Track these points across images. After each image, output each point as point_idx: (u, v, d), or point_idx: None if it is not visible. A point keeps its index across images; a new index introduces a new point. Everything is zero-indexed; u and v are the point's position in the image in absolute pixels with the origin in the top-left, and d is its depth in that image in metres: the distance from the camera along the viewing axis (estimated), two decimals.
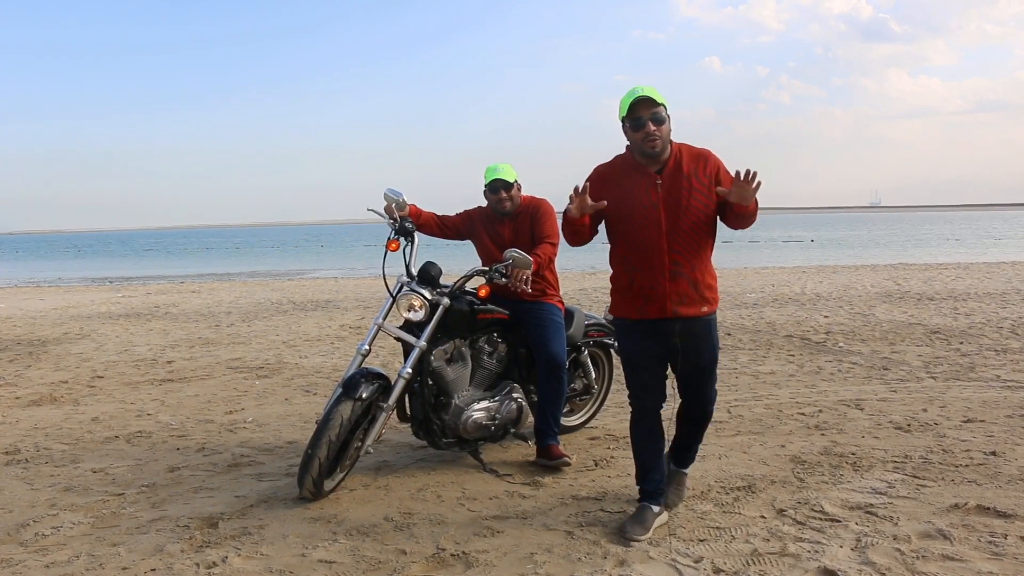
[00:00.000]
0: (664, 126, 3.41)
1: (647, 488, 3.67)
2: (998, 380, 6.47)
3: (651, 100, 3.37)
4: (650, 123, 3.38)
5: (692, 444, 3.92)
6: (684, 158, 3.48)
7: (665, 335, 3.53)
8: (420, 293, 4.20)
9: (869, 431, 5.08)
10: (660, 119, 3.39)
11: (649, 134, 3.39)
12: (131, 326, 11.69)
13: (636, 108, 3.39)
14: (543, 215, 4.61)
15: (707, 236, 3.52)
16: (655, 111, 3.38)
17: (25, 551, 3.50)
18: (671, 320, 3.49)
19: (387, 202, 4.50)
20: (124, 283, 24.62)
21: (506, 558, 3.34)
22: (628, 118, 3.43)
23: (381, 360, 8.01)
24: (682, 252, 3.45)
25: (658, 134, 3.39)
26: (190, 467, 4.68)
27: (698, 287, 3.50)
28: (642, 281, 3.51)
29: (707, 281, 3.54)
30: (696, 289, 3.49)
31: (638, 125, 3.40)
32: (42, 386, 7.21)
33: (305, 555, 3.40)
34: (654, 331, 3.54)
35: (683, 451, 3.93)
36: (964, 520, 3.59)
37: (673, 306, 3.47)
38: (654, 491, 3.66)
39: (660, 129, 3.39)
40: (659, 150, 3.43)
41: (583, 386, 5.24)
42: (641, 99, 3.38)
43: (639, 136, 3.41)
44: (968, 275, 17.50)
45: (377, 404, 4.10)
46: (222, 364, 8.23)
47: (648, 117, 3.38)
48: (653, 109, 3.38)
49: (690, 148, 3.53)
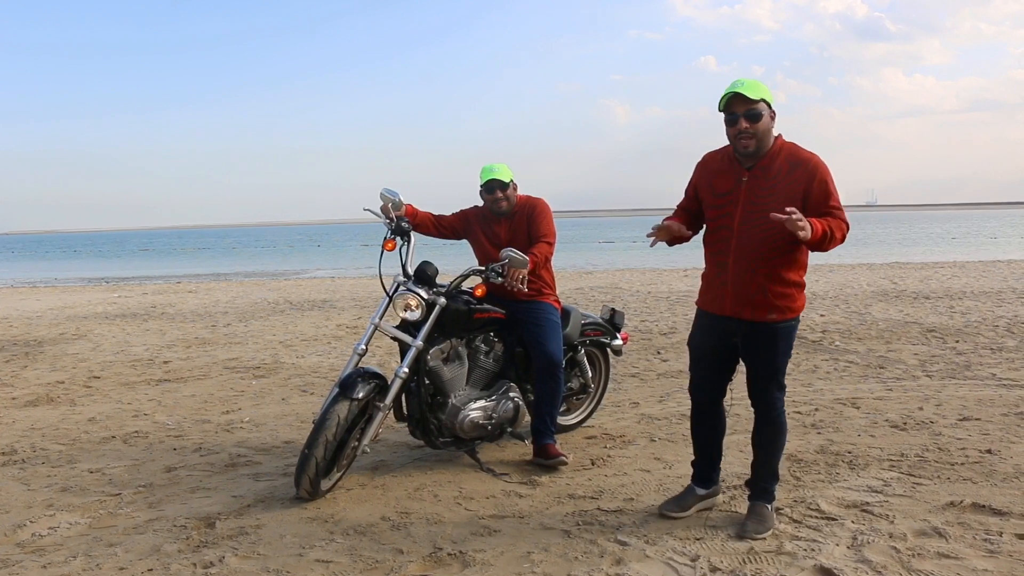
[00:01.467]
0: (760, 123, 3.26)
1: (694, 471, 3.82)
2: (994, 378, 6.48)
3: (745, 97, 3.23)
4: (743, 120, 3.26)
5: (759, 467, 3.66)
6: (780, 159, 3.33)
7: (726, 333, 3.50)
8: (416, 293, 4.20)
9: (865, 429, 5.09)
10: (755, 116, 3.26)
11: (741, 131, 3.28)
12: (128, 326, 11.68)
13: (731, 103, 3.28)
14: (539, 214, 4.62)
15: (784, 241, 3.27)
16: (751, 108, 3.25)
17: (22, 552, 3.49)
18: (732, 320, 3.44)
19: (383, 202, 4.50)
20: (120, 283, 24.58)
21: (503, 557, 3.34)
22: (724, 112, 3.33)
23: (378, 360, 8.01)
24: (751, 254, 3.34)
25: (751, 132, 3.27)
26: (187, 467, 4.67)
27: (766, 293, 3.36)
28: (712, 274, 3.50)
29: (777, 288, 3.37)
30: (764, 294, 3.37)
31: (731, 121, 3.30)
32: (38, 386, 7.20)
33: (302, 555, 3.40)
34: (717, 327, 3.52)
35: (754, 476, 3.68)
36: (960, 518, 3.60)
37: (734, 306, 3.42)
38: (699, 475, 3.79)
39: (755, 127, 3.26)
40: (752, 150, 3.31)
41: (580, 385, 5.24)
42: (735, 95, 3.25)
43: (732, 132, 3.33)
44: (964, 274, 17.53)
45: (374, 404, 4.10)
46: (219, 364, 8.22)
47: (742, 114, 3.26)
48: (749, 105, 3.24)
49: (794, 150, 3.36)
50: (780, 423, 3.61)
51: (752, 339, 3.45)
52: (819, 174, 3.29)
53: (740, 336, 3.47)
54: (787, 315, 3.41)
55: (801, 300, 3.47)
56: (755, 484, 3.67)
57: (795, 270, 3.42)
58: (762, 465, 3.65)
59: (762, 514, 3.56)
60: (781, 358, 3.48)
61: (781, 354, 3.47)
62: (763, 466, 3.64)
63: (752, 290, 3.36)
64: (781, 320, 3.41)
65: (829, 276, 17.70)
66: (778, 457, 3.68)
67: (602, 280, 18.41)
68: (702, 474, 3.82)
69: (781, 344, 3.45)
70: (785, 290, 3.39)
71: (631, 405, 5.97)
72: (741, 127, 3.26)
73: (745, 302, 3.38)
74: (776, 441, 3.64)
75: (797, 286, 3.44)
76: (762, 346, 3.45)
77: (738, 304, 3.40)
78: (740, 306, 3.40)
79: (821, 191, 3.28)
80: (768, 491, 3.64)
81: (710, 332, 3.56)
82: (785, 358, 3.50)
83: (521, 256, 4.19)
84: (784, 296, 3.39)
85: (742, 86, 3.24)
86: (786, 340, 3.46)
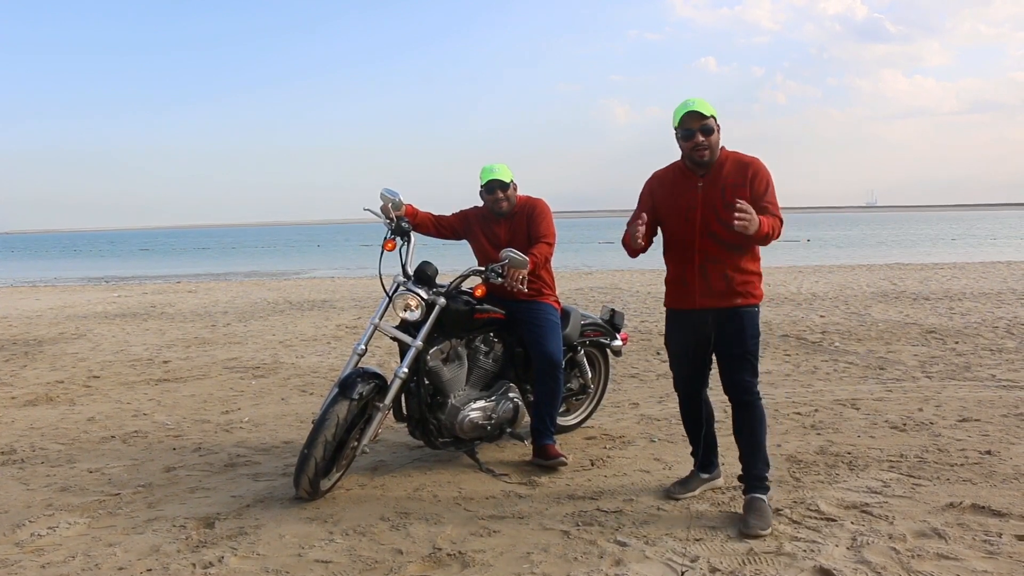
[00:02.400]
0: (713, 136, 3.64)
1: (695, 460, 4.10)
2: (993, 379, 6.48)
3: (699, 113, 3.59)
4: (699, 134, 3.62)
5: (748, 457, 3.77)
6: (728, 164, 3.70)
7: (700, 325, 3.77)
8: (416, 293, 4.20)
9: (865, 430, 5.09)
10: (708, 130, 3.62)
11: (698, 144, 3.63)
12: (127, 326, 11.68)
13: (687, 120, 3.63)
14: (539, 215, 4.62)
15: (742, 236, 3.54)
16: (704, 123, 3.61)
17: (21, 551, 3.49)
18: (704, 311, 3.74)
19: (383, 202, 4.49)
20: (120, 283, 24.58)
21: (502, 558, 3.34)
22: (679, 128, 3.67)
23: (377, 360, 8.00)
24: (715, 250, 3.68)
25: (706, 144, 3.63)
26: (186, 467, 4.67)
27: (731, 282, 3.69)
28: (678, 274, 3.82)
29: (740, 277, 3.71)
30: (729, 284, 3.70)
31: (688, 136, 3.64)
32: (38, 386, 7.20)
33: (301, 555, 3.40)
34: (689, 321, 3.81)
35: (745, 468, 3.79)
36: (959, 519, 3.60)
37: (703, 299, 3.73)
38: (700, 462, 4.08)
39: (709, 140, 3.63)
40: (707, 159, 3.67)
41: (579, 386, 5.24)
42: (691, 112, 3.60)
43: (688, 146, 3.67)
44: (964, 275, 17.53)
45: (373, 404, 4.10)
46: (218, 364, 8.23)
47: (698, 128, 3.61)
48: (703, 121, 3.60)
49: (738, 156, 3.74)
50: (759, 408, 3.79)
51: (723, 325, 3.74)
52: (761, 172, 3.69)
53: (712, 325, 3.75)
54: (750, 300, 3.75)
55: (760, 287, 3.81)
56: (748, 476, 3.77)
57: (754, 260, 3.78)
58: (750, 455, 3.78)
59: (761, 508, 3.63)
60: (751, 341, 3.74)
61: (750, 337, 3.74)
62: (751, 455, 3.78)
63: (719, 282, 3.70)
64: (746, 305, 3.73)
65: (829, 277, 17.71)
66: (764, 444, 3.79)
67: (602, 280, 18.41)
68: (703, 461, 4.09)
69: (749, 328, 3.74)
70: (747, 278, 3.74)
71: (631, 406, 5.97)
72: (697, 140, 3.63)
73: (714, 294, 3.72)
74: (758, 428, 3.78)
75: (756, 274, 3.79)
76: (733, 330, 3.73)
77: (707, 296, 3.73)
78: (709, 298, 3.73)
79: (762, 186, 3.67)
80: (762, 480, 3.74)
81: (684, 328, 3.87)
82: (755, 342, 3.76)
83: (521, 256, 4.18)
84: (747, 283, 3.73)
85: (695, 104, 3.60)
86: (753, 324, 3.75)
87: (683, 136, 3.66)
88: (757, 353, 3.78)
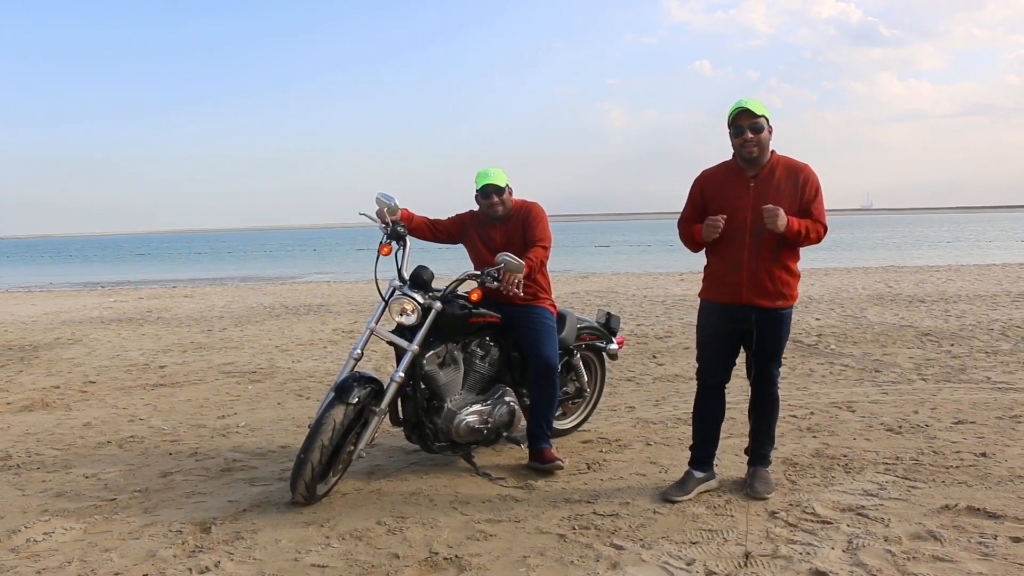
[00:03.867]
0: (762, 134, 3.79)
1: (693, 456, 4.18)
2: (988, 382, 6.50)
3: (751, 112, 3.76)
4: (748, 131, 3.78)
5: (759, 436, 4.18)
6: (780, 167, 3.88)
7: (739, 320, 3.94)
8: (412, 297, 4.20)
9: (860, 433, 5.10)
10: (758, 128, 3.78)
11: (747, 140, 3.79)
12: (123, 331, 11.66)
13: (738, 118, 3.80)
14: (535, 218, 4.62)
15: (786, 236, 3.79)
16: (755, 121, 3.77)
17: (16, 557, 3.49)
18: (747, 307, 3.91)
19: (379, 206, 4.50)
20: (116, 288, 24.52)
21: (499, 561, 3.34)
22: (731, 126, 3.85)
23: (374, 364, 8.00)
24: (765, 249, 3.84)
25: (755, 141, 3.79)
26: (183, 472, 4.67)
27: (776, 282, 3.88)
28: (724, 269, 3.94)
29: (785, 277, 3.91)
30: (775, 283, 3.88)
31: (738, 132, 3.81)
32: (34, 391, 7.18)
33: (298, 559, 3.40)
34: (728, 315, 3.97)
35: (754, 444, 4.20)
36: (955, 521, 3.61)
37: (750, 295, 3.89)
38: (698, 459, 4.15)
39: (758, 137, 3.78)
40: (756, 155, 3.82)
41: (575, 389, 5.24)
42: (742, 110, 3.77)
43: (738, 142, 3.84)
44: (959, 277, 17.58)
45: (370, 408, 4.10)
46: (215, 369, 8.22)
47: (747, 126, 3.78)
48: (753, 120, 3.77)
49: (789, 160, 3.91)
50: (776, 396, 4.15)
51: (764, 324, 3.93)
52: (812, 179, 3.89)
53: (753, 322, 3.92)
54: (789, 302, 3.97)
55: (798, 289, 4.03)
56: (755, 452, 4.18)
57: (796, 261, 3.98)
58: (762, 434, 4.17)
59: (765, 477, 4.09)
60: (784, 339, 4.04)
61: (784, 336, 4.03)
62: (763, 434, 4.17)
63: (766, 280, 3.87)
64: (786, 307, 3.96)
65: (825, 280, 17.74)
66: (775, 426, 4.21)
67: (598, 284, 18.42)
68: (701, 458, 4.16)
69: (785, 327, 4.01)
70: (790, 279, 3.94)
71: (627, 409, 5.97)
72: (747, 137, 3.79)
73: (761, 292, 3.88)
74: (774, 412, 4.19)
75: (797, 276, 3.99)
76: (771, 329, 3.96)
77: (754, 293, 3.88)
78: (755, 295, 3.88)
79: (812, 192, 3.88)
80: (767, 457, 4.19)
81: (721, 320, 4.02)
82: (786, 339, 4.06)
83: (517, 260, 4.19)
84: (789, 284, 3.94)
85: (747, 103, 3.77)
86: (788, 324, 4.04)
87: (734, 133, 3.83)
88: (783, 349, 4.07)
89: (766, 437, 4.17)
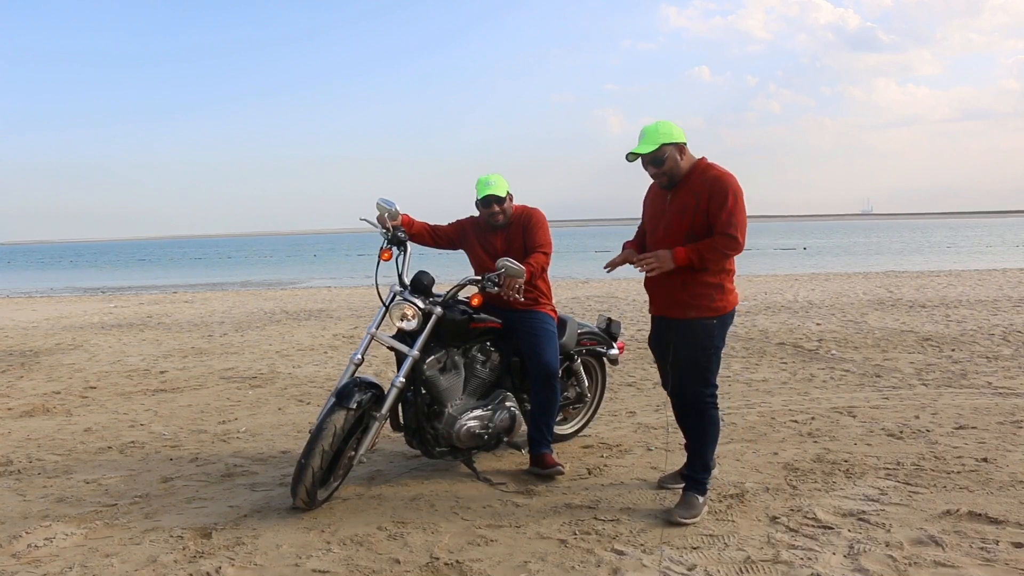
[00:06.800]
0: (665, 165, 3.80)
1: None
2: (989, 387, 6.50)
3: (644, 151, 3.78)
4: (650, 166, 3.85)
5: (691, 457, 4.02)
6: (695, 176, 3.82)
7: (663, 330, 3.98)
8: (413, 302, 4.21)
9: (861, 438, 5.10)
10: (659, 161, 3.80)
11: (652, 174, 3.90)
12: (124, 336, 11.66)
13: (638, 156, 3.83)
14: (535, 224, 4.63)
15: None
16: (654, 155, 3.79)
17: (18, 563, 3.48)
18: (663, 319, 3.96)
19: (380, 212, 4.50)
20: (116, 293, 24.54)
21: (500, 567, 3.34)
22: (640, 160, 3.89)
23: (374, 369, 8.00)
24: None
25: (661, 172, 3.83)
26: (183, 477, 4.67)
27: (684, 293, 3.81)
28: (648, 282, 3.99)
29: (695, 289, 3.79)
30: (683, 294, 3.81)
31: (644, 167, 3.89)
32: (35, 397, 7.19)
33: (299, 565, 3.40)
34: (656, 326, 4.06)
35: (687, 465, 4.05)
36: (956, 526, 3.61)
37: (661, 307, 3.95)
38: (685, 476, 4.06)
39: (660, 169, 3.82)
40: (666, 184, 3.86)
41: (576, 394, 5.24)
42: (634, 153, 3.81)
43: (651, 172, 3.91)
44: (960, 282, 17.58)
45: (370, 413, 4.10)
46: (215, 374, 8.22)
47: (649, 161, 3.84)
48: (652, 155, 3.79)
49: (708, 171, 3.81)
50: (708, 416, 3.94)
51: (675, 335, 3.88)
52: (719, 190, 3.73)
53: (669, 333, 3.92)
54: (706, 313, 3.80)
55: (722, 301, 3.83)
56: (687, 475, 3.98)
57: (715, 274, 3.80)
58: (693, 455, 4.00)
59: (691, 502, 3.83)
60: (701, 353, 3.83)
61: (702, 349, 3.83)
62: (694, 456, 3.99)
63: (674, 292, 3.84)
64: (700, 317, 3.80)
65: (825, 285, 17.75)
66: (709, 450, 3.96)
67: (598, 290, 18.43)
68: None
69: (702, 339, 3.82)
70: (704, 291, 3.79)
71: (627, 414, 5.97)
72: (651, 172, 3.89)
73: (672, 303, 3.87)
74: (704, 433, 3.95)
75: (716, 287, 3.81)
76: (683, 341, 3.84)
77: (664, 306, 3.93)
78: (666, 307, 3.92)
79: (718, 203, 3.71)
80: (699, 483, 3.91)
81: (656, 332, 4.09)
82: (707, 353, 3.84)
83: (517, 266, 4.19)
84: (704, 296, 3.79)
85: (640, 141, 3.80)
86: (707, 336, 3.82)
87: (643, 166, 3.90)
88: (709, 364, 3.87)
89: (697, 461, 3.95)
